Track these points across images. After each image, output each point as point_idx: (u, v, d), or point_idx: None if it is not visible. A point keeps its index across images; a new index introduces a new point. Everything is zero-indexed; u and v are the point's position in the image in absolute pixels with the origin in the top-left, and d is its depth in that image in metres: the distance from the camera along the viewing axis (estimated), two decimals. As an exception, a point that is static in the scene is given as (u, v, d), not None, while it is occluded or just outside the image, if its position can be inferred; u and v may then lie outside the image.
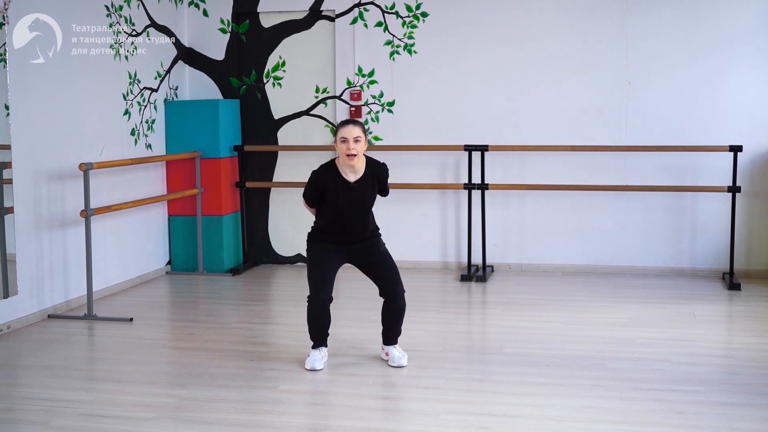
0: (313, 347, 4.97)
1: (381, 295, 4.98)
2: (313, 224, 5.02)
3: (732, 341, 5.67)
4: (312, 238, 4.99)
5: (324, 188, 4.86)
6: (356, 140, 4.77)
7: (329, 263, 4.91)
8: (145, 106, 7.40)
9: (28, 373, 5.01)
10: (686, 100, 7.36)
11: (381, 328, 5.04)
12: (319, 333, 4.95)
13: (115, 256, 6.99)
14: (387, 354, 5.02)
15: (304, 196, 5.00)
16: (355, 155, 4.78)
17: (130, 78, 7.16)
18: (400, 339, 5.05)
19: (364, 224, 4.94)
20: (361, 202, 4.89)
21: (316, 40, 7.93)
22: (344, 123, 4.86)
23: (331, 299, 4.89)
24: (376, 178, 4.95)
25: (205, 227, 7.76)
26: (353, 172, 4.86)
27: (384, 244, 5.04)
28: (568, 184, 7.48)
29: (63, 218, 6.32)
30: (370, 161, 4.95)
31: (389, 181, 5.09)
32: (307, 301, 4.91)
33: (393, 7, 7.74)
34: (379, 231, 5.07)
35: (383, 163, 5.01)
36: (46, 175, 6.14)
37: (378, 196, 5.04)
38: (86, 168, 6.13)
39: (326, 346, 5.01)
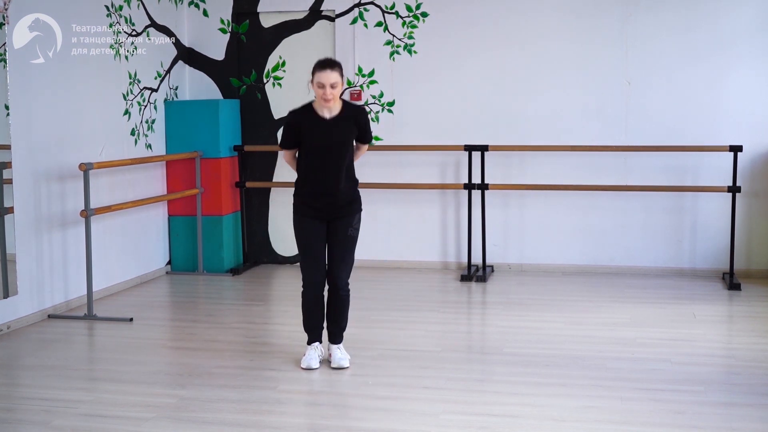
0: (309, 343, 4.97)
1: (326, 281, 4.93)
2: (295, 183, 4.96)
3: (732, 341, 5.67)
4: (295, 207, 4.93)
5: (299, 126, 4.79)
6: (333, 86, 4.68)
7: (317, 242, 4.86)
8: (145, 106, 7.40)
9: (28, 373, 5.01)
10: (686, 100, 7.36)
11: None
12: (313, 324, 4.94)
13: (115, 256, 6.99)
14: (330, 355, 5.00)
15: (281, 143, 4.94)
16: (330, 99, 4.70)
17: (130, 78, 7.16)
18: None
19: (342, 172, 4.82)
20: (337, 140, 4.79)
21: (316, 40, 7.93)
22: (321, 65, 4.70)
23: (324, 283, 4.89)
24: (354, 120, 4.85)
25: (205, 227, 7.76)
26: (329, 111, 4.79)
27: (358, 224, 4.94)
28: (568, 184, 7.48)
29: (63, 218, 6.31)
30: (347, 103, 4.88)
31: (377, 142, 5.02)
32: (302, 288, 4.91)
33: (393, 7, 7.74)
34: (361, 203, 4.98)
35: (362, 107, 4.95)
36: (46, 175, 6.14)
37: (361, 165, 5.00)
38: (86, 168, 6.12)
39: (321, 341, 5.01)
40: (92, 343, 5.71)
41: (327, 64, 4.71)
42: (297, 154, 4.94)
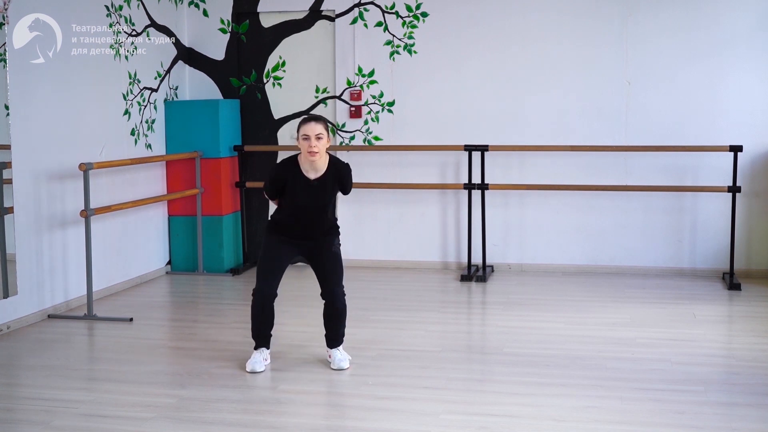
0: (255, 347, 4.98)
1: (322, 296, 4.96)
2: (272, 213, 5.00)
3: (732, 341, 5.67)
4: (269, 228, 4.96)
5: (284, 182, 4.81)
6: (318, 137, 4.69)
7: (279, 258, 4.88)
8: (145, 106, 7.40)
9: (28, 373, 5.01)
10: (686, 100, 7.36)
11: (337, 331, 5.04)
12: (260, 331, 4.96)
13: (115, 256, 6.99)
14: (330, 356, 5.01)
15: (264, 189, 4.98)
16: (316, 152, 4.71)
17: (130, 78, 7.15)
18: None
19: (321, 222, 4.89)
20: (319, 201, 4.83)
21: (316, 40, 7.93)
22: (306, 120, 4.77)
23: (275, 295, 4.90)
24: (337, 179, 4.87)
25: (205, 227, 7.76)
26: (314, 169, 4.79)
27: (338, 243, 4.98)
28: (568, 184, 7.48)
29: (63, 218, 6.31)
30: (333, 160, 4.88)
31: (356, 181, 5.06)
32: (252, 295, 4.93)
33: (393, 7, 7.74)
34: (338, 228, 5.02)
35: (346, 164, 4.95)
36: (46, 175, 6.14)
37: (340, 195, 5.02)
38: (86, 168, 6.13)
39: (268, 348, 5.01)
40: (92, 343, 5.71)
41: (311, 117, 4.79)
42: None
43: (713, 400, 4.38)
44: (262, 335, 4.99)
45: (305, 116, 4.87)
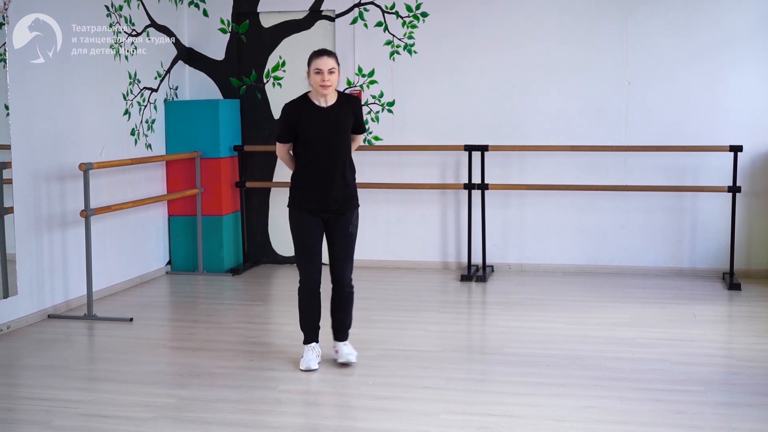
0: (306, 342, 4.95)
1: (331, 279, 4.93)
2: (291, 178, 4.95)
3: (732, 341, 5.67)
4: (291, 203, 4.91)
5: (297, 118, 4.77)
6: (330, 71, 4.70)
7: (312, 243, 4.85)
8: (145, 106, 7.40)
9: (28, 373, 5.01)
10: (686, 100, 7.36)
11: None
12: (310, 324, 4.93)
13: (115, 256, 6.99)
14: (336, 351, 5.00)
15: (278, 135, 4.92)
16: (329, 86, 4.71)
17: (130, 78, 7.16)
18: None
19: (342, 166, 4.81)
20: (337, 127, 4.78)
21: (316, 40, 7.92)
22: (318, 53, 4.76)
23: (319, 282, 4.89)
24: (351, 109, 4.86)
25: (205, 227, 7.76)
26: (325, 100, 4.80)
27: (356, 224, 4.93)
28: (568, 184, 7.48)
29: (63, 218, 6.32)
30: (342, 93, 4.89)
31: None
32: (299, 284, 4.89)
33: (393, 7, 7.74)
34: (358, 198, 4.96)
35: (356, 96, 4.95)
36: (46, 175, 6.14)
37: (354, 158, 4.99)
38: (86, 168, 6.12)
39: (318, 341, 5.00)
40: (92, 343, 5.71)
41: (323, 51, 4.77)
42: (292, 149, 4.92)
43: (713, 400, 4.38)
44: (312, 327, 4.95)
45: (317, 50, 4.82)
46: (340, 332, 5.01)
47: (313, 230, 4.86)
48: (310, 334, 4.97)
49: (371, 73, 7.83)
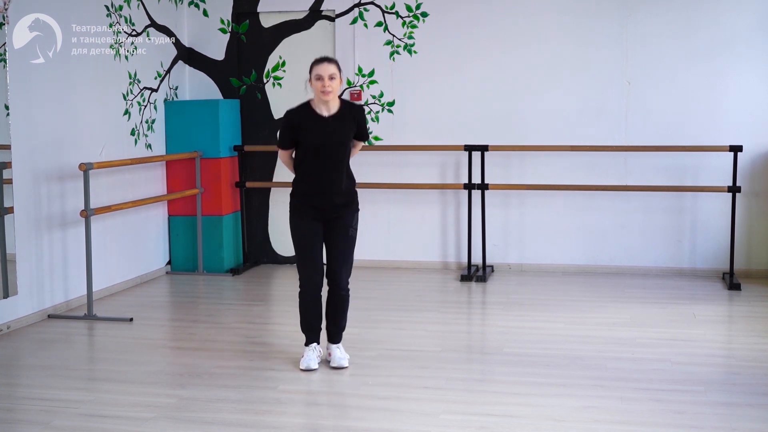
0: (306, 344, 4.96)
1: (327, 281, 4.93)
2: (292, 184, 4.94)
3: (732, 341, 5.67)
4: (292, 207, 4.91)
5: (298, 125, 4.77)
6: (331, 77, 4.70)
7: (312, 246, 4.85)
8: (145, 106, 7.40)
9: (28, 373, 5.01)
10: (686, 100, 7.36)
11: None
12: (310, 325, 4.93)
13: (115, 256, 6.99)
14: (329, 354, 5.00)
15: (279, 141, 4.92)
16: (330, 92, 4.71)
17: (130, 78, 7.16)
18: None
19: (341, 173, 4.82)
20: (337, 138, 4.77)
21: (316, 40, 7.93)
22: (319, 60, 4.77)
23: (320, 285, 4.89)
24: (353, 118, 4.85)
25: (205, 227, 7.76)
26: (327, 109, 4.79)
27: (356, 227, 4.93)
28: (568, 184, 7.48)
29: (63, 218, 6.31)
30: (345, 101, 4.88)
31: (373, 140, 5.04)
32: (300, 288, 4.90)
33: (393, 7, 7.74)
34: (358, 202, 4.97)
35: (360, 105, 4.95)
36: (46, 175, 6.14)
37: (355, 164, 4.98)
38: (86, 168, 6.12)
39: (319, 342, 5.00)
40: (92, 343, 5.71)
41: (324, 58, 4.78)
42: (294, 155, 4.93)
43: (713, 400, 4.38)
44: (313, 329, 4.96)
45: (318, 57, 4.82)
46: (334, 334, 5.02)
47: (314, 235, 4.87)
48: (311, 336, 4.97)
49: (371, 73, 7.83)
